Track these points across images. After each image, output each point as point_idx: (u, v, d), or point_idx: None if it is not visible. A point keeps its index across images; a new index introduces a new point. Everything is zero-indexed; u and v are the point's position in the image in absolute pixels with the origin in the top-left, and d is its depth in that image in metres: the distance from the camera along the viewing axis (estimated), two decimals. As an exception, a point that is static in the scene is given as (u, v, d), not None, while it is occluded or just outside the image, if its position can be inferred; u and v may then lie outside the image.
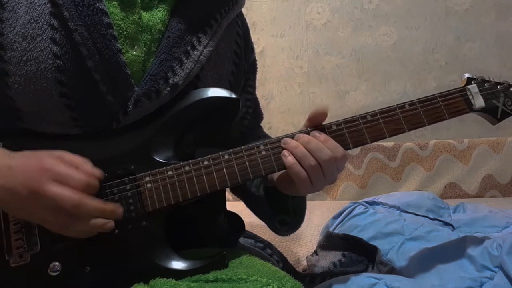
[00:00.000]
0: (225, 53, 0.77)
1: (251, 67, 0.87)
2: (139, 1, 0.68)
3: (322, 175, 0.66)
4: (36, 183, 0.56)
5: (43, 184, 0.56)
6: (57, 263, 0.61)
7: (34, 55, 0.62)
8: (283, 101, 2.14)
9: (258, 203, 0.78)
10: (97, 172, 0.61)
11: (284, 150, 0.67)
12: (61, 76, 0.63)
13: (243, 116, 0.86)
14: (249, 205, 0.82)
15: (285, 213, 0.78)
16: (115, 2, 0.66)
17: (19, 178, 0.56)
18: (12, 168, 0.57)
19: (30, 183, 0.56)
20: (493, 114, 0.76)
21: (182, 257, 0.64)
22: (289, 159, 0.66)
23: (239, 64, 0.81)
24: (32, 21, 0.63)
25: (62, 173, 0.57)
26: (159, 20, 0.69)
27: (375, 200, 1.33)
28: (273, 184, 0.73)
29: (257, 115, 0.94)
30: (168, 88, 0.67)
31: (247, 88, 0.86)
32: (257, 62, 0.90)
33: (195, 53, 0.69)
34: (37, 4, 0.64)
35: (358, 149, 1.99)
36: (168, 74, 0.67)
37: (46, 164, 0.57)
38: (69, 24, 0.63)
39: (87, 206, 0.57)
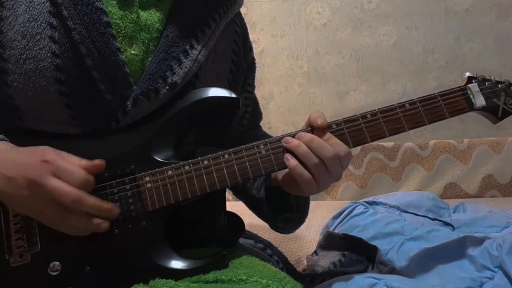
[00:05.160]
0: (223, 52, 0.77)
1: (250, 66, 0.87)
2: (137, 0, 0.68)
3: (327, 173, 0.65)
4: (36, 175, 0.56)
5: (42, 176, 0.56)
6: (57, 263, 0.61)
7: (33, 53, 0.63)
8: (283, 101, 2.13)
9: (259, 205, 0.78)
10: (97, 161, 0.60)
11: (287, 154, 0.65)
12: (60, 74, 0.63)
13: (242, 115, 0.86)
14: (251, 206, 0.82)
15: (288, 211, 0.78)
16: (113, 1, 0.67)
17: (20, 170, 0.57)
18: (16, 161, 0.58)
19: (30, 174, 0.56)
20: (494, 113, 0.76)
21: (182, 256, 0.63)
22: (291, 161, 0.65)
23: (238, 62, 0.81)
24: (31, 19, 0.63)
25: (62, 168, 0.57)
26: (157, 19, 0.70)
27: (375, 200, 1.33)
28: (277, 184, 0.73)
29: (257, 114, 0.93)
30: (167, 87, 0.67)
31: (246, 87, 0.86)
32: (257, 62, 0.90)
33: (194, 52, 0.70)
34: (36, 3, 0.64)
35: (358, 149, 1.98)
36: (167, 73, 0.67)
37: (48, 157, 0.58)
38: (68, 22, 0.63)
39: (84, 202, 0.57)
